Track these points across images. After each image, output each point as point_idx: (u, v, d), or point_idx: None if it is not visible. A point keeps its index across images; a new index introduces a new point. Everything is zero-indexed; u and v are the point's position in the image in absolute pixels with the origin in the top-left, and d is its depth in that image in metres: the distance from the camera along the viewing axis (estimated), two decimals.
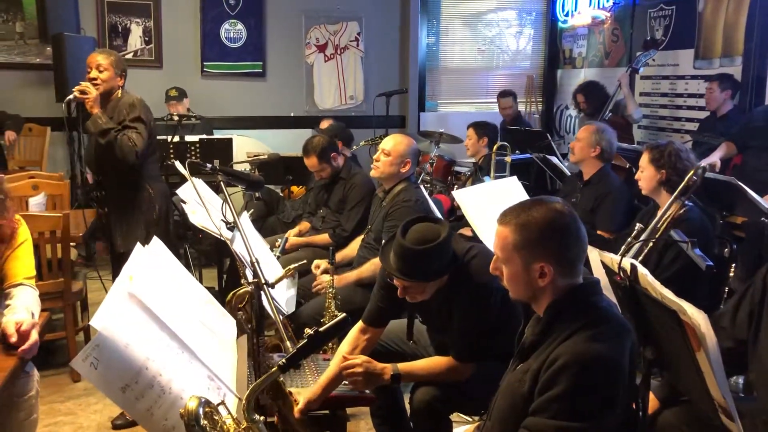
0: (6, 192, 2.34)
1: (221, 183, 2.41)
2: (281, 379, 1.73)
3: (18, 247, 2.38)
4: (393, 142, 3.40)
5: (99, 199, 3.67)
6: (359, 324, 2.53)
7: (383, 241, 2.46)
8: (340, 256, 3.62)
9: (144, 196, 3.52)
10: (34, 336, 2.07)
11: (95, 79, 3.44)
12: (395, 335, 2.75)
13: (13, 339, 2.03)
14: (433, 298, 2.32)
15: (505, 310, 2.25)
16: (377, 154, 3.45)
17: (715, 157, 4.34)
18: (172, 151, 4.48)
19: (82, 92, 3.39)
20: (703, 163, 3.27)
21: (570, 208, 1.74)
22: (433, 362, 2.39)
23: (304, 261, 2.91)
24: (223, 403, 1.54)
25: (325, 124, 5.51)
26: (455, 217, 4.72)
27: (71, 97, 3.43)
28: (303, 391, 2.29)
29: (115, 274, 3.57)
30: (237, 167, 4.35)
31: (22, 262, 2.39)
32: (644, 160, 3.12)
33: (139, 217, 3.51)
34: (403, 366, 2.35)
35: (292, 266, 2.41)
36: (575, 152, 3.89)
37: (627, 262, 1.77)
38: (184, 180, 3.13)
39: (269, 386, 1.68)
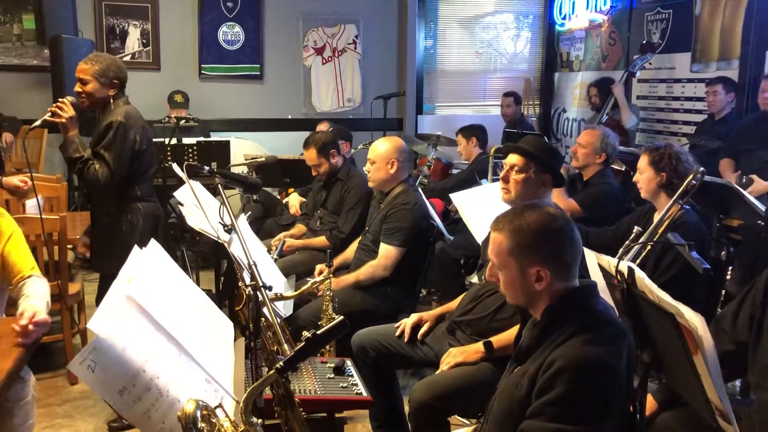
0: None
1: (219, 185, 2.41)
2: (293, 388, 1.73)
3: (8, 243, 2.37)
4: (374, 149, 3.40)
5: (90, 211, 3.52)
6: None
7: None
8: (338, 259, 3.62)
9: (125, 219, 3.21)
10: (43, 315, 2.08)
11: (81, 93, 3.10)
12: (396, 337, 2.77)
13: (23, 322, 2.03)
14: None
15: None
16: (367, 165, 3.44)
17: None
18: (169, 153, 4.49)
19: (54, 114, 3.02)
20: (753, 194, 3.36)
21: (562, 211, 1.75)
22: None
23: (330, 277, 2.96)
24: (220, 405, 1.54)
25: (323, 127, 5.52)
26: (449, 220, 4.72)
27: (38, 123, 2.95)
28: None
29: (102, 287, 3.36)
30: (234, 170, 4.37)
31: (20, 256, 2.38)
32: (643, 162, 3.05)
33: (118, 241, 3.17)
34: (493, 338, 2.48)
35: (318, 279, 2.44)
36: (579, 158, 3.86)
37: (624, 265, 1.77)
38: (181, 182, 3.12)
39: (279, 395, 1.68)
